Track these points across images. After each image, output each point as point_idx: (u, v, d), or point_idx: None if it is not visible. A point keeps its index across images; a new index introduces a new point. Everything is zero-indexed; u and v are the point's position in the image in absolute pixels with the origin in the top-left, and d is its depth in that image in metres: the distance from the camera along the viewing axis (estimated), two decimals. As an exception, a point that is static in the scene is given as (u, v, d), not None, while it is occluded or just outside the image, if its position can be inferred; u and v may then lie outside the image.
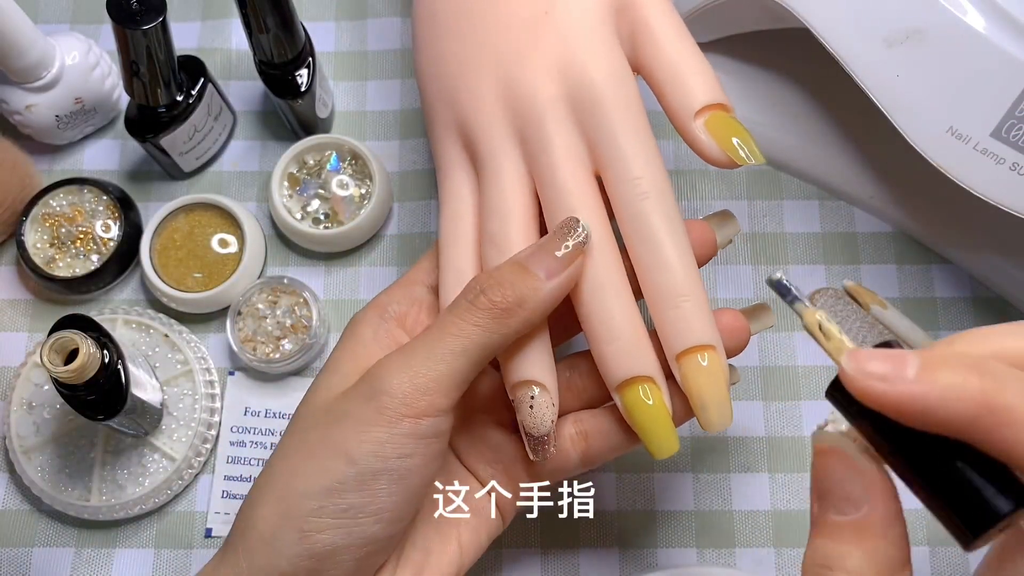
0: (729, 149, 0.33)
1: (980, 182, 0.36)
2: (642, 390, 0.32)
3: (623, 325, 0.32)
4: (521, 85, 0.34)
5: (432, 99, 0.37)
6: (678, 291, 0.32)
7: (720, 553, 0.43)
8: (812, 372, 0.45)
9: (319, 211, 0.46)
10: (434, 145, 0.38)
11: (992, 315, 0.46)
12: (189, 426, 0.43)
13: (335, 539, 0.30)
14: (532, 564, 0.43)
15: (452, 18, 0.37)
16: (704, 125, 0.33)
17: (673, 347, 0.32)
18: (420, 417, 0.31)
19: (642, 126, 0.34)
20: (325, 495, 0.30)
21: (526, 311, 0.31)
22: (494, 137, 0.35)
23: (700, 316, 0.32)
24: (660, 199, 0.33)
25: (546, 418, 0.33)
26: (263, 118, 0.50)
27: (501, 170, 0.34)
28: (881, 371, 0.21)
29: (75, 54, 0.46)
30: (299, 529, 0.30)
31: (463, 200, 0.36)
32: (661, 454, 0.33)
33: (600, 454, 0.35)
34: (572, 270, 0.32)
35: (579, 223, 0.32)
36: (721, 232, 0.36)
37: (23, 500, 0.44)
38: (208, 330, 0.46)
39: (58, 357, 0.35)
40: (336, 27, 0.52)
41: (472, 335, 0.31)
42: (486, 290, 0.31)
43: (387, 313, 0.36)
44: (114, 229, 0.46)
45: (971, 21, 0.35)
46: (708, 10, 0.44)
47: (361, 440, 0.30)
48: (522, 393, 0.33)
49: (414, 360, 0.31)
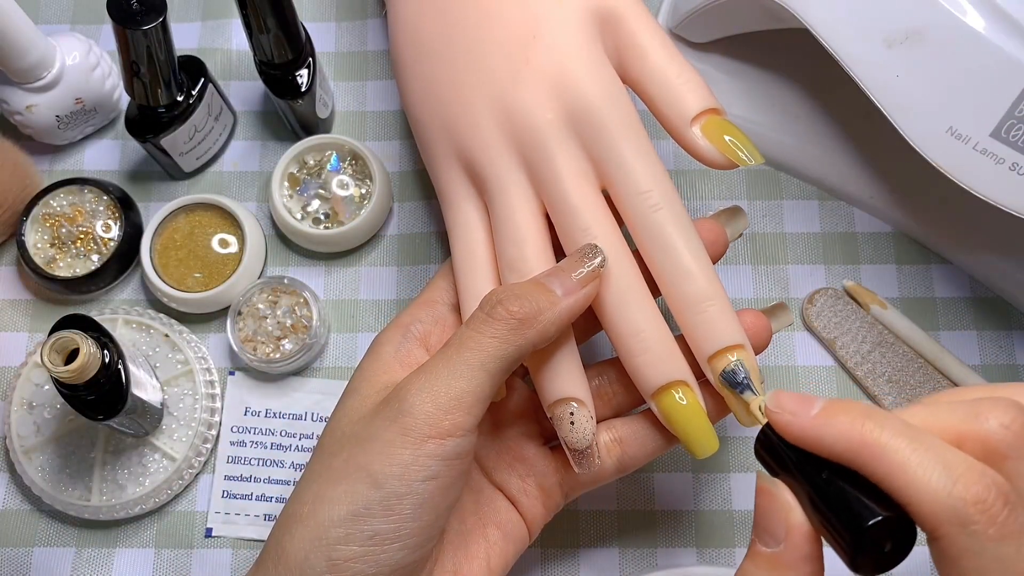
0: (728, 152, 0.34)
1: (980, 182, 0.36)
2: (677, 394, 0.33)
3: (651, 335, 0.33)
4: (519, 110, 0.35)
5: (427, 127, 0.38)
6: (702, 296, 0.33)
7: (720, 553, 0.43)
8: (812, 372, 0.45)
9: (319, 211, 0.46)
10: (434, 173, 0.38)
11: (992, 315, 0.46)
12: (189, 426, 0.43)
13: (364, 568, 0.30)
14: (532, 564, 0.43)
15: (437, 42, 0.37)
16: (700, 131, 0.34)
17: (704, 350, 0.33)
18: (445, 438, 0.31)
19: (643, 139, 0.34)
20: (352, 521, 0.30)
21: (543, 323, 0.32)
22: (499, 164, 0.35)
23: (726, 318, 0.33)
24: (671, 209, 0.34)
25: (587, 432, 0.33)
26: (263, 118, 0.50)
27: (510, 197, 0.35)
28: (792, 407, 0.26)
29: (75, 54, 0.46)
30: (327, 557, 0.30)
31: (475, 230, 0.36)
32: (704, 453, 0.34)
33: (635, 459, 0.36)
34: (589, 289, 0.33)
35: (597, 249, 0.33)
36: (731, 227, 0.37)
37: (23, 500, 0.44)
38: (208, 330, 0.46)
39: (58, 357, 0.35)
40: (336, 27, 0.52)
41: (489, 347, 0.31)
42: (503, 301, 0.32)
43: (410, 332, 0.36)
44: (114, 229, 0.46)
45: (971, 21, 0.35)
46: (708, 10, 0.44)
47: (385, 463, 0.30)
48: (561, 410, 0.34)
49: (435, 379, 0.31)
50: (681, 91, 0.34)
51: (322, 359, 0.46)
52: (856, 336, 0.45)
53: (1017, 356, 0.45)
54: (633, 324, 0.33)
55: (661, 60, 0.35)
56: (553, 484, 0.37)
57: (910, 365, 0.45)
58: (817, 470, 0.25)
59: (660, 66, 0.35)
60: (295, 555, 0.31)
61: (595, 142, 0.34)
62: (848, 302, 0.46)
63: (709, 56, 0.49)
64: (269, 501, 0.44)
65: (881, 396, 0.44)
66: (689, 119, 0.34)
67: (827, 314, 0.45)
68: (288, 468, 0.44)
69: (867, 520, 0.23)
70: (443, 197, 0.38)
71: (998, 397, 0.25)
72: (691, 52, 0.48)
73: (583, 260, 0.33)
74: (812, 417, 0.25)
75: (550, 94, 0.34)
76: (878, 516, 0.23)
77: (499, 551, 0.35)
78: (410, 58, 0.38)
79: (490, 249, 0.36)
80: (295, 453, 0.44)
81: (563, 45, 0.35)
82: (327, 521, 0.30)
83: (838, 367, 0.45)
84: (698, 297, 0.33)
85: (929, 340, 0.45)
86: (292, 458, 0.44)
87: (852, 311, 0.46)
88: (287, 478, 0.44)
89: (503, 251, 0.35)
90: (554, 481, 0.37)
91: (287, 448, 0.44)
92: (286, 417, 0.45)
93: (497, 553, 0.35)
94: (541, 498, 0.37)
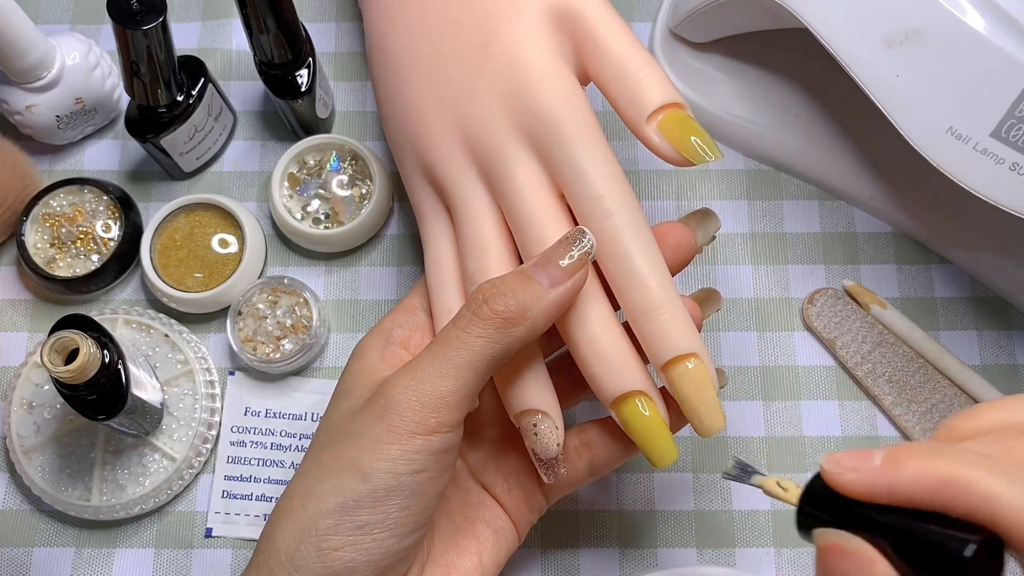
0: (685, 149, 0.33)
1: (980, 182, 0.36)
2: (637, 404, 0.33)
3: (608, 345, 0.33)
4: (475, 121, 0.34)
5: (395, 140, 0.38)
6: (654, 304, 0.32)
7: (720, 553, 0.43)
8: (812, 372, 0.45)
9: (319, 211, 0.46)
10: (407, 187, 0.38)
11: (992, 315, 0.46)
12: (189, 426, 0.43)
13: (353, 556, 0.30)
14: (532, 563, 0.43)
15: (402, 56, 0.37)
16: (658, 127, 0.33)
17: (658, 359, 0.33)
18: (431, 434, 0.31)
19: (599, 144, 0.34)
20: (340, 513, 0.30)
21: (529, 320, 0.31)
22: (458, 177, 0.35)
23: (679, 326, 0.32)
24: (625, 215, 0.33)
25: (551, 442, 0.33)
26: (263, 118, 0.50)
27: (470, 209, 0.35)
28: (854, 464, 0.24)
29: (75, 54, 0.46)
30: (317, 548, 0.30)
31: (443, 242, 0.36)
32: (663, 462, 0.33)
33: (605, 463, 0.36)
34: (577, 278, 0.32)
35: (586, 234, 0.33)
36: (701, 231, 0.36)
37: (23, 500, 0.44)
38: (208, 330, 0.46)
39: (58, 357, 0.35)
40: (336, 27, 0.52)
41: (476, 347, 0.31)
42: (489, 299, 0.31)
43: (392, 337, 0.36)
44: (114, 229, 0.46)
45: (971, 21, 0.35)
46: (708, 10, 0.44)
47: (373, 458, 0.31)
48: (526, 422, 0.33)
49: (422, 377, 0.31)
50: (640, 86, 0.33)
51: (322, 359, 0.46)
52: (856, 336, 0.45)
53: (1017, 356, 0.45)
54: (589, 333, 0.33)
55: (619, 55, 0.34)
56: (533, 486, 0.37)
57: (910, 365, 0.45)
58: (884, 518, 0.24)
59: (618, 60, 0.34)
60: (286, 547, 0.31)
61: (550, 148, 0.33)
62: (848, 302, 0.46)
63: (709, 56, 0.49)
64: (269, 501, 0.44)
65: (881, 396, 0.44)
66: (647, 115, 0.33)
67: (827, 314, 0.45)
68: (288, 468, 0.44)
69: (963, 551, 0.22)
70: (416, 211, 0.38)
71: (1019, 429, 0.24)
72: (691, 52, 0.48)
73: (571, 245, 0.32)
74: (878, 468, 0.24)
75: (504, 102, 0.34)
76: (972, 543, 0.22)
77: (491, 548, 0.36)
78: (378, 71, 0.38)
79: (458, 262, 0.36)
80: (295, 453, 0.44)
81: (516, 51, 0.34)
82: (316, 514, 0.31)
83: (838, 367, 0.45)
84: (650, 305, 0.32)
85: (929, 340, 0.45)
86: (292, 458, 0.44)
87: (852, 311, 0.46)
88: (287, 478, 0.44)
89: (465, 264, 0.35)
90: (534, 483, 0.37)
91: (287, 448, 0.44)
92: (286, 417, 0.45)
93: (489, 550, 0.35)
94: (524, 499, 0.37)
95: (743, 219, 0.48)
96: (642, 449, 0.33)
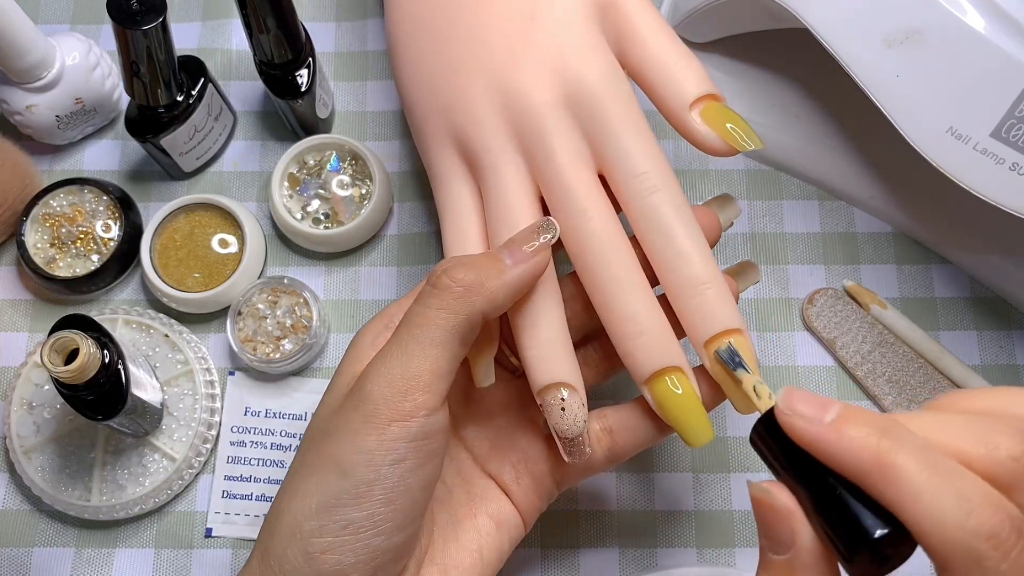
0: (727, 137, 0.33)
1: (980, 182, 0.36)
2: (671, 381, 0.33)
3: (647, 319, 0.33)
4: (517, 91, 0.34)
5: (420, 107, 0.37)
6: (699, 279, 0.33)
7: (720, 553, 0.43)
8: (812, 372, 0.45)
9: (319, 211, 0.46)
10: (426, 154, 0.38)
11: (992, 315, 0.46)
12: (189, 426, 0.43)
13: (340, 558, 0.30)
14: (532, 564, 0.43)
15: (434, 22, 0.37)
16: (699, 116, 0.34)
17: (700, 335, 0.33)
18: (408, 419, 0.30)
19: (641, 122, 0.34)
20: (324, 512, 0.30)
21: (489, 291, 0.31)
22: (493, 144, 0.35)
23: (723, 302, 0.33)
24: (669, 191, 0.33)
25: (579, 419, 0.33)
26: (263, 118, 0.50)
27: (504, 178, 0.35)
28: (805, 411, 0.25)
29: (75, 54, 0.46)
30: (304, 551, 0.30)
31: (466, 210, 0.36)
32: (698, 441, 0.33)
33: (626, 449, 0.35)
34: (540, 258, 0.32)
35: (551, 223, 0.33)
36: (723, 215, 0.37)
37: (23, 500, 0.44)
38: (208, 330, 0.46)
39: (58, 357, 0.35)
40: (336, 27, 0.52)
41: (438, 319, 0.31)
42: (448, 270, 0.31)
43: (393, 323, 0.35)
44: (114, 229, 0.46)
45: (971, 21, 0.35)
46: (708, 10, 0.44)
47: (351, 451, 0.30)
48: (551, 396, 0.33)
49: (390, 362, 0.31)
50: (680, 77, 0.34)
51: (322, 359, 0.46)
52: (856, 336, 0.45)
53: (1017, 356, 0.45)
54: (628, 308, 0.33)
55: (660, 47, 0.35)
56: (544, 473, 0.36)
57: (910, 365, 0.45)
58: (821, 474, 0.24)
59: (659, 53, 0.34)
60: (275, 551, 0.31)
61: (592, 124, 0.34)
62: (848, 302, 0.46)
63: (709, 56, 0.49)
64: (269, 501, 0.44)
65: (881, 396, 0.44)
66: (688, 104, 0.34)
67: (827, 314, 0.45)
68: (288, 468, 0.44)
69: (872, 533, 0.23)
70: (434, 176, 0.37)
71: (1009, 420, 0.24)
72: (691, 52, 0.49)
73: (536, 233, 0.33)
74: (826, 425, 0.24)
75: (548, 75, 0.34)
76: (884, 530, 0.23)
77: (492, 542, 0.35)
78: (406, 35, 0.38)
79: (482, 229, 0.36)
80: (295, 453, 0.44)
81: (563, 27, 0.35)
82: (300, 515, 0.30)
83: (838, 367, 0.45)
84: (695, 280, 0.32)
85: (929, 340, 0.45)
86: (292, 458, 0.44)
87: (852, 311, 0.46)
88: (287, 478, 0.44)
89: (495, 230, 0.35)
90: (545, 470, 0.36)
91: (287, 448, 0.44)
92: (286, 417, 0.45)
93: (490, 544, 0.35)
94: (534, 487, 0.36)
95: (743, 219, 0.48)
96: (676, 428, 0.33)
